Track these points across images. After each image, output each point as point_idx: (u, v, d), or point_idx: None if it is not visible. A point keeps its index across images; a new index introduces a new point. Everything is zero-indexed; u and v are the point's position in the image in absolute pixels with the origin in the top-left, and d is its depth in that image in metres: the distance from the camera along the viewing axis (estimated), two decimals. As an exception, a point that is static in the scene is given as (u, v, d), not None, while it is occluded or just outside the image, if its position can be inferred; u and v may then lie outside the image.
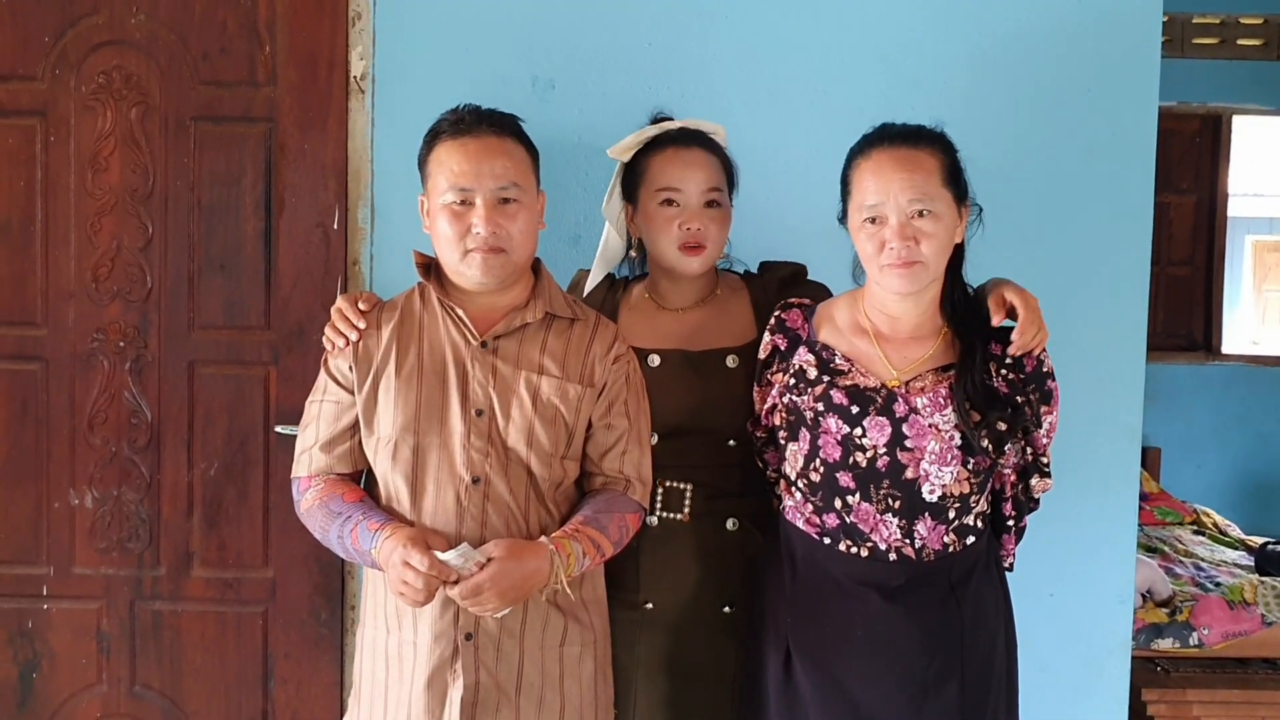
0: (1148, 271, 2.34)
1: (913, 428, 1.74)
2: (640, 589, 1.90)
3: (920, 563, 1.76)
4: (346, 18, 2.34)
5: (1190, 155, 4.90)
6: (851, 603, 1.77)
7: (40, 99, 2.35)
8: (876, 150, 1.75)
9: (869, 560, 1.76)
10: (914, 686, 1.75)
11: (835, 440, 1.77)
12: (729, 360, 1.91)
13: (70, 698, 2.42)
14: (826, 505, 1.79)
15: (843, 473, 1.76)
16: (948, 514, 1.76)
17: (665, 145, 1.93)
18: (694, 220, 1.89)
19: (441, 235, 1.76)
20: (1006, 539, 1.89)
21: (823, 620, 1.79)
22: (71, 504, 2.40)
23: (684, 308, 1.96)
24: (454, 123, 1.76)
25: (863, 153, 1.77)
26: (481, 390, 1.75)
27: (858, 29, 2.31)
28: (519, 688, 1.75)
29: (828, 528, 1.79)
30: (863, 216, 1.74)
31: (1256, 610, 2.89)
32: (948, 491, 1.75)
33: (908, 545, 1.76)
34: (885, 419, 1.75)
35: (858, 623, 1.77)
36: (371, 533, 1.68)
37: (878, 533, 1.76)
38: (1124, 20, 2.29)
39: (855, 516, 1.77)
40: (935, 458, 1.74)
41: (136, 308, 2.37)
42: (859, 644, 1.76)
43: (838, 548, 1.79)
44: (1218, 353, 4.98)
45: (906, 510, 1.75)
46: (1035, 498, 1.87)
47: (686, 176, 1.90)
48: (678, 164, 1.91)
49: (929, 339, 1.80)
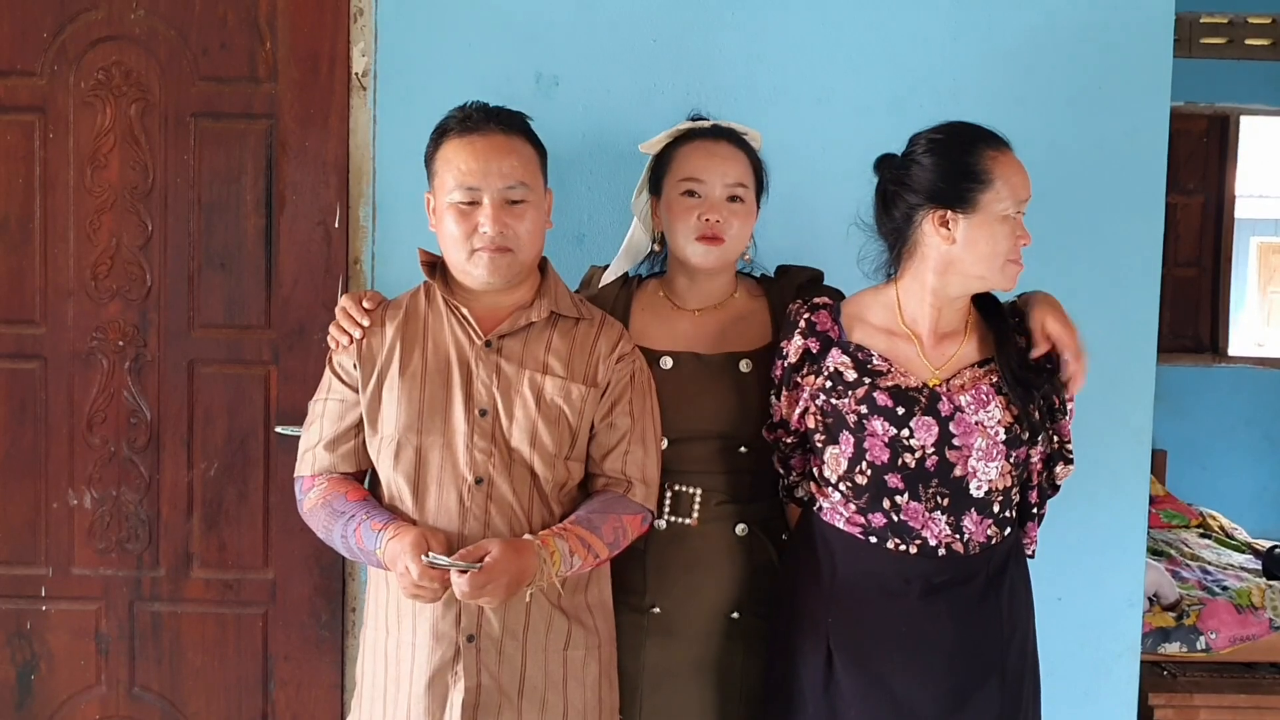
0: (1158, 273, 2.33)
1: (959, 426, 1.75)
2: (647, 593, 1.88)
3: (967, 556, 1.78)
4: (348, 13, 2.32)
5: (1197, 156, 4.88)
6: (893, 601, 1.79)
7: (39, 95, 2.33)
8: (997, 151, 1.75)
9: (918, 556, 1.78)
10: (957, 683, 1.77)
11: (883, 443, 1.77)
12: (742, 365, 1.90)
13: (69, 699, 2.41)
14: (873, 506, 1.79)
15: (892, 474, 1.77)
16: (993, 507, 1.79)
17: (695, 139, 1.93)
18: (714, 211, 1.86)
19: (448, 234, 1.75)
20: (1031, 526, 1.91)
21: (864, 619, 1.80)
22: (70, 504, 2.38)
23: (700, 308, 1.94)
24: (461, 120, 1.75)
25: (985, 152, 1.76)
26: (485, 390, 1.74)
27: (866, 27, 2.29)
28: (521, 690, 1.73)
29: (874, 527, 1.80)
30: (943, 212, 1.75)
31: (1264, 614, 2.87)
32: (994, 486, 1.77)
33: (956, 540, 1.78)
34: (931, 419, 1.76)
35: (899, 621, 1.78)
36: (375, 533, 1.67)
37: (928, 529, 1.77)
38: (1135, 19, 2.28)
39: (905, 515, 1.78)
40: (982, 454, 1.76)
41: (136, 306, 2.36)
42: (901, 642, 1.78)
43: (885, 546, 1.79)
44: (1224, 355, 4.97)
45: (954, 506, 1.77)
46: (1058, 484, 1.89)
47: (710, 167, 1.89)
48: (701, 154, 1.90)
49: (958, 334, 1.81)
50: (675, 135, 1.94)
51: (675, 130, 1.95)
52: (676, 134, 1.94)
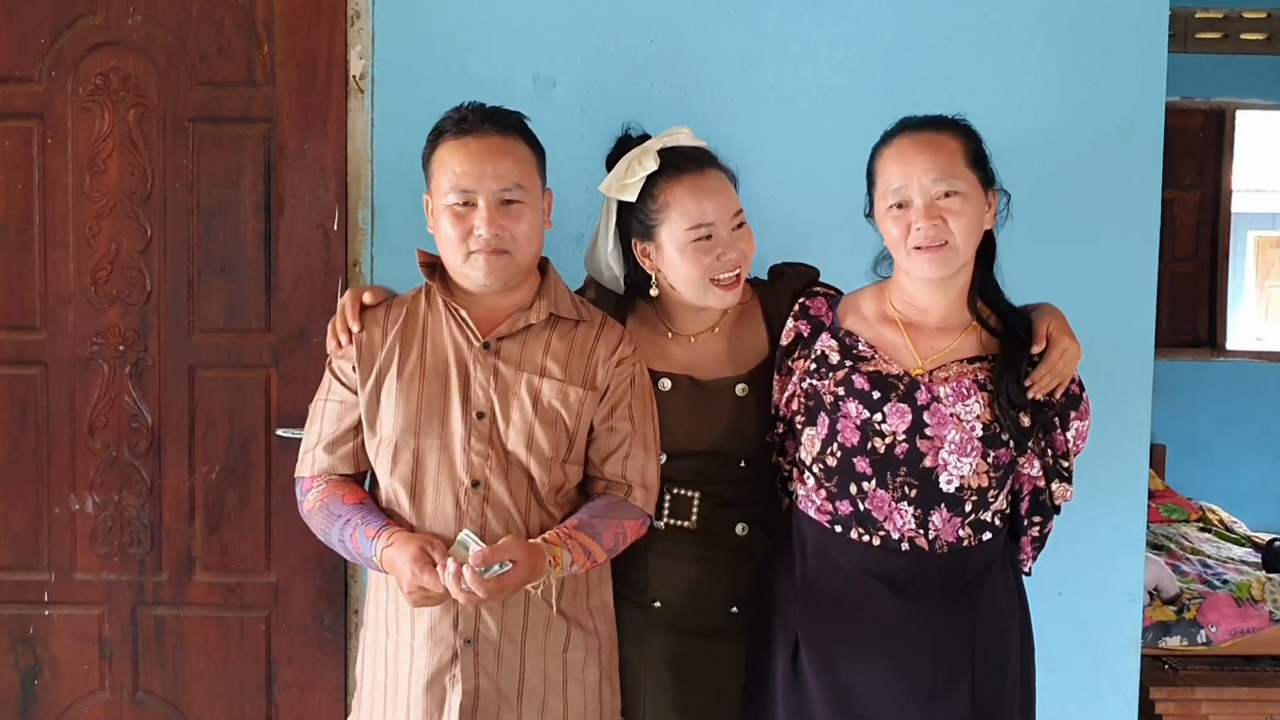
0: (1155, 267, 2.33)
1: (934, 416, 1.73)
2: (649, 588, 1.88)
3: (932, 555, 1.75)
4: (345, 17, 2.33)
5: (1194, 151, 4.89)
6: (861, 598, 1.76)
7: (37, 101, 2.33)
8: (898, 137, 1.75)
9: (880, 550, 1.75)
10: (923, 686, 1.74)
11: (854, 425, 1.76)
12: (738, 389, 1.87)
13: (72, 704, 2.41)
14: (841, 491, 1.78)
15: (860, 458, 1.75)
16: (964, 506, 1.75)
17: (678, 174, 1.81)
18: (731, 249, 1.81)
19: (444, 236, 1.74)
20: (1024, 542, 1.87)
21: (832, 614, 1.78)
22: (72, 509, 2.38)
23: (697, 333, 1.91)
24: (457, 122, 1.74)
25: (885, 143, 1.77)
26: (483, 392, 1.74)
27: (861, 25, 2.30)
28: (520, 693, 1.73)
29: (840, 515, 1.78)
30: (888, 203, 1.73)
31: (1265, 607, 2.87)
32: (965, 483, 1.74)
33: (920, 535, 1.75)
34: (906, 405, 1.74)
35: (867, 618, 1.76)
36: (369, 540, 1.67)
37: (891, 521, 1.75)
38: (1131, 14, 2.28)
39: (870, 504, 1.76)
40: (955, 447, 1.73)
41: (136, 311, 2.36)
42: (868, 641, 1.76)
43: (849, 535, 1.77)
44: (1222, 349, 4.97)
45: (922, 499, 1.74)
46: (1057, 504, 1.85)
47: (717, 207, 1.80)
48: (703, 194, 1.80)
49: (956, 330, 1.79)
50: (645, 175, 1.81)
51: (641, 171, 1.81)
52: (645, 174, 1.81)
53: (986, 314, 1.80)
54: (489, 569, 1.55)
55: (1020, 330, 1.77)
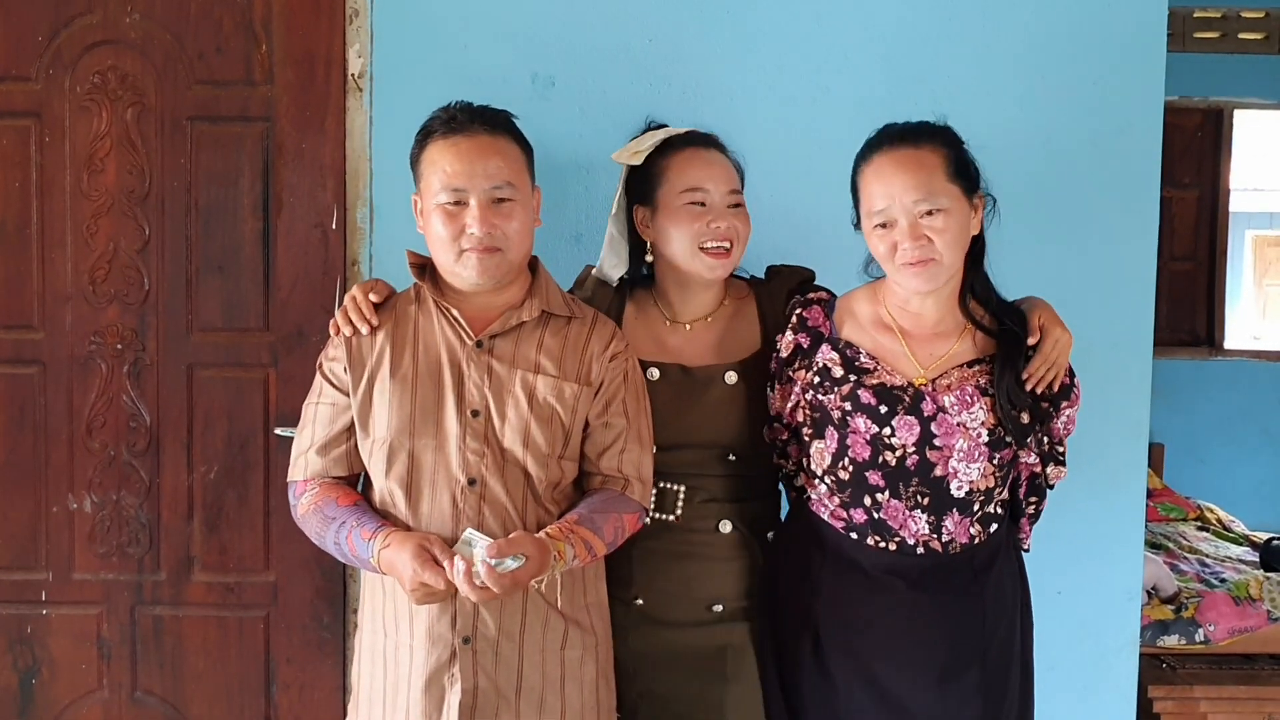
0: (1154, 266, 2.34)
1: (941, 426, 1.76)
2: (633, 584, 1.90)
3: (946, 555, 1.79)
4: (344, 15, 2.32)
5: (1192, 150, 4.88)
6: (878, 590, 1.81)
7: (35, 99, 2.33)
8: (878, 155, 1.76)
9: (897, 554, 1.80)
10: (938, 671, 1.79)
11: (864, 440, 1.78)
12: (727, 376, 1.89)
13: (71, 704, 2.41)
14: (855, 501, 1.81)
15: (872, 471, 1.78)
16: (973, 507, 1.79)
17: (683, 146, 1.90)
18: (722, 218, 1.86)
19: (436, 236, 1.74)
20: (1023, 522, 1.92)
21: (850, 606, 1.82)
22: (70, 509, 2.38)
23: (693, 321, 1.94)
24: (446, 121, 1.75)
25: (865, 159, 1.78)
26: (477, 391, 1.74)
27: (860, 24, 2.30)
28: (519, 691, 1.73)
29: (855, 523, 1.82)
30: (873, 222, 1.75)
31: (1262, 606, 2.88)
32: (975, 487, 1.78)
33: (935, 540, 1.79)
34: (914, 418, 1.76)
35: (884, 609, 1.80)
36: (365, 541, 1.66)
37: (906, 529, 1.79)
38: (1129, 14, 2.28)
39: (884, 513, 1.79)
40: (963, 455, 1.76)
41: (134, 310, 2.35)
42: (885, 630, 1.80)
43: (865, 542, 1.81)
44: (1220, 348, 4.97)
45: (935, 506, 1.78)
46: (1051, 484, 1.90)
47: (713, 176, 1.88)
48: (700, 163, 1.88)
49: (952, 334, 1.81)
50: (659, 142, 1.90)
51: (657, 137, 1.91)
52: (659, 140, 1.90)
53: (979, 313, 1.81)
54: (502, 562, 1.55)
55: (1015, 327, 1.79)
